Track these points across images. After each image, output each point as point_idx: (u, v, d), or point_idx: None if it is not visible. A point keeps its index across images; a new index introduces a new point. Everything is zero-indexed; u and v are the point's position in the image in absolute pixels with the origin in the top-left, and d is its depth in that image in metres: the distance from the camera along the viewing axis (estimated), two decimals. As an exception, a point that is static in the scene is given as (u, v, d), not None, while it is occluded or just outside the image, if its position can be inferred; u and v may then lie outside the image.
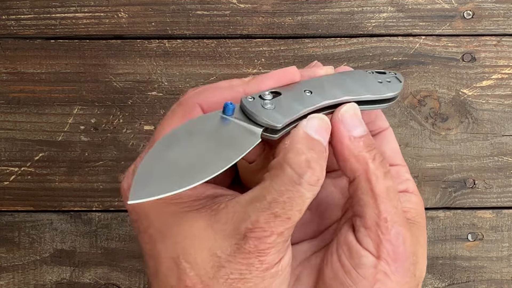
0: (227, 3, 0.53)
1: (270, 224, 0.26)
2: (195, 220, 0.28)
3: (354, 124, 0.29)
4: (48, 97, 0.53)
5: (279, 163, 0.28)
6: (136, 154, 0.53)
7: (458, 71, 0.53)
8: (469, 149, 0.53)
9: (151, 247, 0.29)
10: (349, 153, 0.29)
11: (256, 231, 0.26)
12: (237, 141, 0.28)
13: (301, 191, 0.27)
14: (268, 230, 0.26)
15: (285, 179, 0.27)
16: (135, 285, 0.53)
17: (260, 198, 0.27)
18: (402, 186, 0.32)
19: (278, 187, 0.27)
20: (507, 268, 0.53)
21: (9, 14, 0.53)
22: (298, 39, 0.53)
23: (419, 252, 0.30)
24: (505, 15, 0.53)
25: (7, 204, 0.53)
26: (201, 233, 0.27)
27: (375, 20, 0.53)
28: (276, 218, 0.27)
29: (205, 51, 0.53)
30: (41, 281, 0.53)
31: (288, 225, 0.27)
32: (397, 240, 0.28)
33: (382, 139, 0.33)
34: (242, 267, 0.27)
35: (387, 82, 0.32)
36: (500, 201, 0.53)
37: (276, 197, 0.27)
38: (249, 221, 0.27)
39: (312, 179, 0.27)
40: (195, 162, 0.27)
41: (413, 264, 0.29)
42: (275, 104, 0.29)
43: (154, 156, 0.27)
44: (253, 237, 0.26)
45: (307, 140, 0.28)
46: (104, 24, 0.53)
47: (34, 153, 0.53)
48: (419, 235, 0.31)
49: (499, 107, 0.53)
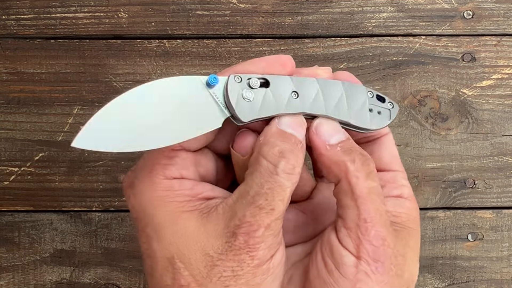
0: (227, 3, 0.53)
1: (256, 217, 0.27)
2: (189, 220, 0.29)
3: (330, 133, 0.30)
4: (48, 97, 0.53)
5: (256, 157, 0.29)
6: (136, 154, 0.53)
7: (458, 71, 0.53)
8: (469, 149, 0.53)
9: (148, 246, 0.30)
10: (329, 160, 0.30)
11: (243, 226, 0.27)
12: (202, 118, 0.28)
13: (279, 180, 0.28)
14: (255, 223, 0.27)
15: (262, 171, 0.28)
16: (135, 285, 0.53)
17: (244, 194, 0.28)
18: (396, 191, 0.32)
19: (258, 180, 0.28)
20: (507, 268, 0.53)
21: (9, 14, 0.53)
22: (298, 39, 0.53)
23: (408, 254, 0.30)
24: (505, 15, 0.53)
25: (7, 204, 0.53)
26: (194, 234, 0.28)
27: (375, 20, 0.53)
28: (261, 210, 0.28)
29: (205, 51, 0.53)
30: (41, 281, 0.53)
31: (273, 216, 0.28)
32: (377, 241, 0.29)
33: (381, 145, 0.33)
34: (234, 264, 0.28)
35: (377, 113, 0.32)
36: (500, 201, 0.53)
37: (257, 190, 0.28)
38: (236, 218, 0.28)
39: (287, 168, 0.28)
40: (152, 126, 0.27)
41: (396, 265, 0.29)
42: (256, 96, 0.29)
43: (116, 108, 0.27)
44: (242, 232, 0.27)
45: (280, 134, 0.29)
46: (104, 24, 0.53)
47: (34, 153, 0.53)
48: (409, 239, 0.31)
49: (499, 107, 0.53)
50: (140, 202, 0.30)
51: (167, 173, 0.30)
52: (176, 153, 0.30)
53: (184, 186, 0.30)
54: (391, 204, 0.32)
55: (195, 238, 0.28)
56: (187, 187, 0.30)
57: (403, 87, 0.53)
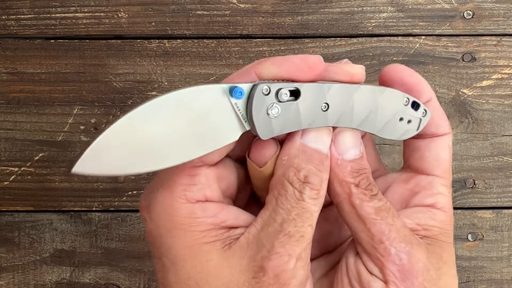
0: (227, 3, 0.53)
1: (286, 246, 0.25)
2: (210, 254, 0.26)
3: (347, 146, 0.28)
4: (48, 97, 0.53)
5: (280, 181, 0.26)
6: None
7: (458, 71, 0.53)
8: (469, 149, 0.53)
9: (163, 276, 0.27)
10: (333, 176, 0.27)
11: (273, 258, 0.25)
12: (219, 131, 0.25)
13: (306, 206, 0.26)
14: (285, 254, 0.25)
15: (288, 197, 0.26)
16: (135, 285, 0.53)
17: (270, 222, 0.26)
18: (430, 200, 0.29)
19: (285, 206, 0.26)
20: (507, 268, 0.53)
21: (9, 14, 0.53)
22: (298, 39, 0.53)
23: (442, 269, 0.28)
24: (505, 15, 0.53)
25: (7, 204, 0.53)
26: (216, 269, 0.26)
27: (375, 20, 0.53)
28: (291, 238, 0.25)
29: (205, 51, 0.53)
30: (41, 281, 0.53)
31: (304, 244, 0.25)
32: (400, 259, 0.26)
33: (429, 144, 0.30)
34: None
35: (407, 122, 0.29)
36: (500, 201, 0.53)
37: (285, 217, 0.25)
38: (264, 249, 0.25)
39: (312, 194, 0.26)
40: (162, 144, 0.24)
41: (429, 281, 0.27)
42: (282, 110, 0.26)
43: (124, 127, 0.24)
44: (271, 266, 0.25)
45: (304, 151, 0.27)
46: (104, 24, 0.53)
47: (34, 153, 0.53)
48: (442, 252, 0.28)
49: (499, 107, 0.53)
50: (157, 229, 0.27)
51: (190, 195, 0.26)
52: (198, 170, 0.26)
53: (208, 212, 0.26)
54: (422, 216, 0.29)
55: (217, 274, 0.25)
56: (210, 214, 0.26)
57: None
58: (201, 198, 0.26)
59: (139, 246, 0.53)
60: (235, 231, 0.26)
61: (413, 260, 0.26)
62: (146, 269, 0.53)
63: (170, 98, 0.24)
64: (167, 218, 0.26)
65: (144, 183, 0.53)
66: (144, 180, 0.53)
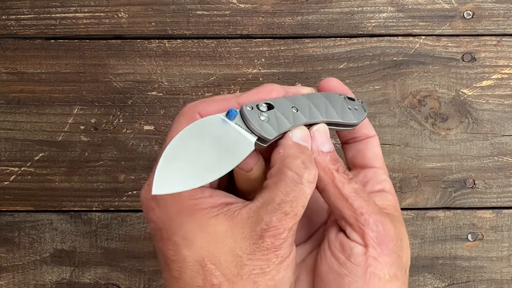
0: (227, 3, 0.53)
1: (282, 222, 0.31)
2: (216, 226, 0.31)
3: (323, 141, 0.34)
4: (48, 97, 0.53)
5: (279, 169, 0.32)
6: (136, 154, 0.53)
7: (458, 71, 0.53)
8: (469, 149, 0.53)
9: (175, 253, 0.32)
10: (318, 165, 0.33)
11: (271, 230, 0.31)
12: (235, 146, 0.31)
13: (303, 189, 0.31)
14: (281, 227, 0.31)
15: (288, 181, 0.32)
16: (135, 285, 0.53)
17: (270, 201, 0.31)
18: (379, 186, 0.36)
19: (284, 189, 0.31)
20: (507, 268, 0.53)
21: (9, 14, 0.53)
22: (298, 39, 0.53)
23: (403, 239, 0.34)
24: (505, 15, 0.53)
25: (7, 204, 0.53)
26: (223, 237, 0.31)
27: (375, 20, 0.53)
28: (286, 216, 0.31)
29: (205, 51, 0.53)
30: (41, 281, 0.53)
31: (296, 220, 0.31)
32: (377, 227, 0.32)
33: (366, 144, 0.37)
34: (262, 263, 0.31)
35: (355, 109, 0.36)
36: (500, 201, 0.53)
37: (283, 198, 0.31)
38: (263, 222, 0.31)
39: (310, 177, 0.32)
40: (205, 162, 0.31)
41: (397, 246, 0.33)
42: (269, 117, 0.33)
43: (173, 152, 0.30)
44: (269, 235, 0.31)
45: (297, 146, 0.33)
46: (104, 24, 0.53)
47: (34, 153, 0.53)
48: (399, 225, 0.34)
49: (499, 107, 0.53)
50: (166, 213, 0.32)
51: None
52: None
53: (204, 194, 0.32)
54: (377, 199, 0.35)
55: (224, 241, 0.31)
56: (206, 194, 0.32)
57: (403, 87, 0.53)
58: None
59: (139, 246, 0.53)
60: (231, 207, 0.32)
61: (386, 228, 0.33)
62: (146, 269, 0.53)
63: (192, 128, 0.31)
64: (174, 202, 0.32)
65: (144, 183, 0.53)
66: (144, 180, 0.53)
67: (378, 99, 0.53)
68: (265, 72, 0.53)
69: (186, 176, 0.30)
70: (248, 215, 0.31)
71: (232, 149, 0.31)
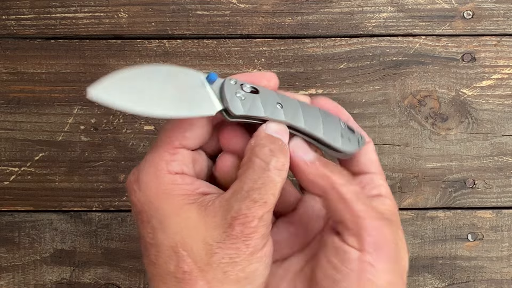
0: (227, 3, 0.53)
1: (251, 209, 0.31)
2: (190, 212, 0.32)
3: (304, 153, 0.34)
4: (48, 97, 0.53)
5: (249, 157, 0.32)
6: (136, 154, 0.53)
7: (458, 71, 0.53)
8: (469, 149, 0.53)
9: (153, 237, 0.32)
10: (312, 175, 0.33)
11: (240, 218, 0.31)
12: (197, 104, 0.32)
13: (271, 176, 0.31)
14: (250, 215, 0.31)
15: (256, 169, 0.32)
16: (135, 285, 0.53)
17: (239, 190, 0.31)
18: (375, 191, 0.35)
19: (251, 177, 0.31)
20: (507, 268, 0.53)
21: (9, 14, 0.53)
22: (298, 39, 0.53)
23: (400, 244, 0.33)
24: (505, 15, 0.53)
25: (7, 204, 0.53)
26: (195, 225, 0.31)
27: (375, 20, 0.53)
28: (255, 203, 0.31)
29: (205, 51, 0.53)
30: (41, 281, 0.53)
31: (266, 208, 0.31)
32: (375, 231, 0.32)
33: (362, 151, 0.36)
34: (231, 251, 0.31)
35: (348, 138, 0.36)
36: (500, 201, 0.53)
37: (251, 185, 0.31)
38: (233, 210, 0.31)
39: (278, 164, 0.32)
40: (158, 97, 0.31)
41: (395, 252, 0.32)
42: (247, 97, 0.33)
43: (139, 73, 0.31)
44: (238, 223, 0.31)
45: (268, 137, 0.33)
46: (104, 24, 0.53)
47: (34, 153, 0.53)
48: (397, 230, 0.34)
49: (499, 107, 0.53)
50: (146, 195, 0.32)
51: (171, 168, 0.33)
52: (177, 150, 0.33)
53: (185, 181, 0.33)
54: (375, 203, 0.34)
55: (196, 229, 0.31)
56: (187, 182, 0.33)
57: (403, 87, 0.53)
58: (179, 171, 0.33)
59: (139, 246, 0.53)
60: (207, 197, 0.32)
61: (383, 234, 0.32)
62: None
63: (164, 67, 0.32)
64: (154, 186, 0.32)
65: (144, 183, 0.53)
66: (144, 180, 0.53)
67: (378, 99, 0.53)
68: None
69: (131, 96, 0.30)
70: (220, 204, 0.31)
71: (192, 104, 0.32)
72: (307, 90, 0.53)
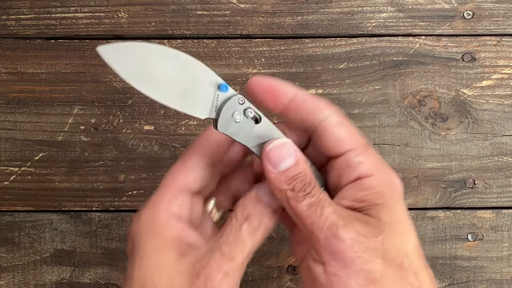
0: (227, 3, 0.53)
1: (218, 263, 0.32)
2: (168, 255, 0.33)
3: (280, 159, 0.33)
4: (48, 97, 0.53)
5: (230, 216, 0.34)
6: (136, 154, 0.53)
7: (458, 71, 0.53)
8: (469, 149, 0.53)
9: (131, 270, 0.34)
10: (274, 187, 0.33)
11: (206, 268, 0.32)
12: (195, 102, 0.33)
13: (241, 237, 0.33)
14: (216, 267, 0.32)
15: (232, 227, 0.33)
16: (135, 285, 0.53)
17: (214, 243, 0.33)
18: (353, 175, 0.33)
19: (227, 232, 0.33)
20: (507, 268, 0.53)
21: (9, 14, 0.53)
22: (298, 39, 0.53)
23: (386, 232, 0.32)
24: (505, 15, 0.53)
25: (7, 204, 0.53)
26: (167, 268, 0.33)
27: (375, 20, 0.53)
28: (224, 257, 0.32)
29: (205, 51, 0.53)
30: (41, 281, 0.53)
31: (232, 265, 0.32)
32: (328, 243, 0.31)
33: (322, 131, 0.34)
34: None
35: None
36: (500, 201, 0.53)
37: (224, 240, 0.33)
38: (204, 260, 0.33)
39: (249, 229, 0.33)
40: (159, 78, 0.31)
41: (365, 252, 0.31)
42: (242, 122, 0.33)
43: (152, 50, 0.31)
44: (204, 273, 0.32)
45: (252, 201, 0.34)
46: (104, 24, 0.53)
47: (34, 153, 0.53)
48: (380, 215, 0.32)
49: (499, 107, 0.53)
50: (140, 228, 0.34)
51: (171, 207, 0.34)
52: (180, 193, 0.35)
53: (178, 226, 0.34)
54: (353, 192, 0.33)
55: (167, 272, 0.33)
56: (179, 228, 0.34)
57: (403, 87, 0.53)
58: (176, 212, 0.34)
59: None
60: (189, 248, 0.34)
61: (338, 241, 0.31)
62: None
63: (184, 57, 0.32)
64: (149, 221, 0.34)
65: (144, 183, 0.53)
66: (144, 180, 0.53)
67: (378, 99, 0.53)
68: (265, 72, 0.53)
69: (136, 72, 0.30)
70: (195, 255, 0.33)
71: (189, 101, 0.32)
72: (307, 90, 0.53)
